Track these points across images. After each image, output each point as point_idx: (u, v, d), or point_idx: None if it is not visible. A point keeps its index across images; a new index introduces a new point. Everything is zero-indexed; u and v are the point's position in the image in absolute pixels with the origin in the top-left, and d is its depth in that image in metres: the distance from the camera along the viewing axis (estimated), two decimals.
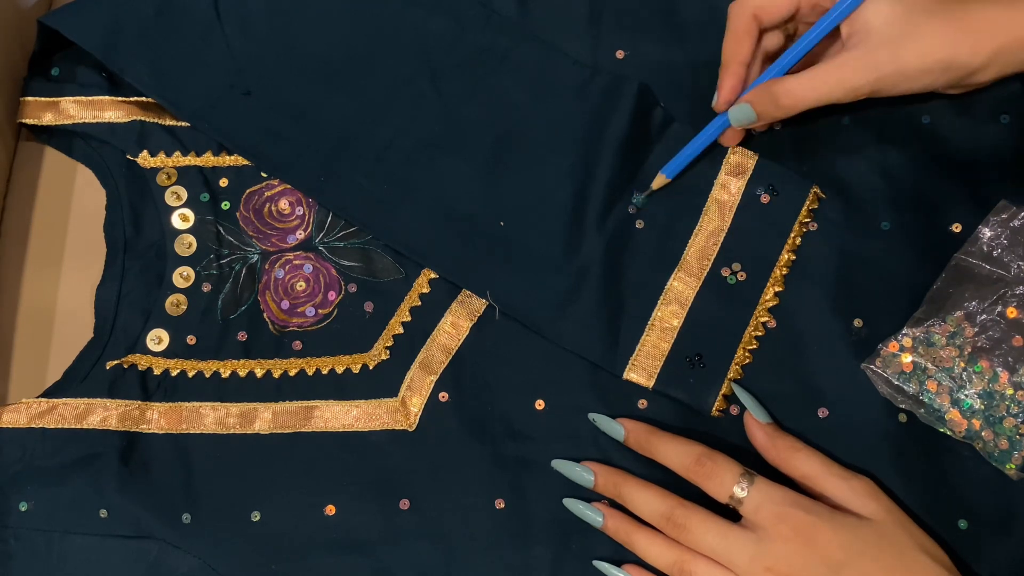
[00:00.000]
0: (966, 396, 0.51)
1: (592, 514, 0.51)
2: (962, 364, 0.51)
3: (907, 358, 0.51)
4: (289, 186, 0.59)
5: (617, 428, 0.52)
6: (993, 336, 0.51)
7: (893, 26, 0.49)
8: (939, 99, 0.56)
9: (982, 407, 0.51)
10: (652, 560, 0.49)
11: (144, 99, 0.60)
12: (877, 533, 0.47)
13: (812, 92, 0.51)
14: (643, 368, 0.53)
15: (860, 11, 0.51)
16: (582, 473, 0.52)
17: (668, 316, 0.54)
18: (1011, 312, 0.51)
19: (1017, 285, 0.51)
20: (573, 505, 0.52)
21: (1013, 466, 0.50)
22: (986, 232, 0.53)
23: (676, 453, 0.50)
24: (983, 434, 0.50)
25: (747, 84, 0.55)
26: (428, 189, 0.57)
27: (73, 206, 0.61)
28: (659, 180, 0.56)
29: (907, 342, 0.52)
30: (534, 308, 0.55)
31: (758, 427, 0.51)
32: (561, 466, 0.53)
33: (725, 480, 0.49)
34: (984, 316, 0.51)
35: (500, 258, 0.56)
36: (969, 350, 0.51)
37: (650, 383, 0.53)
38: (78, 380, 0.56)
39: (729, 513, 0.49)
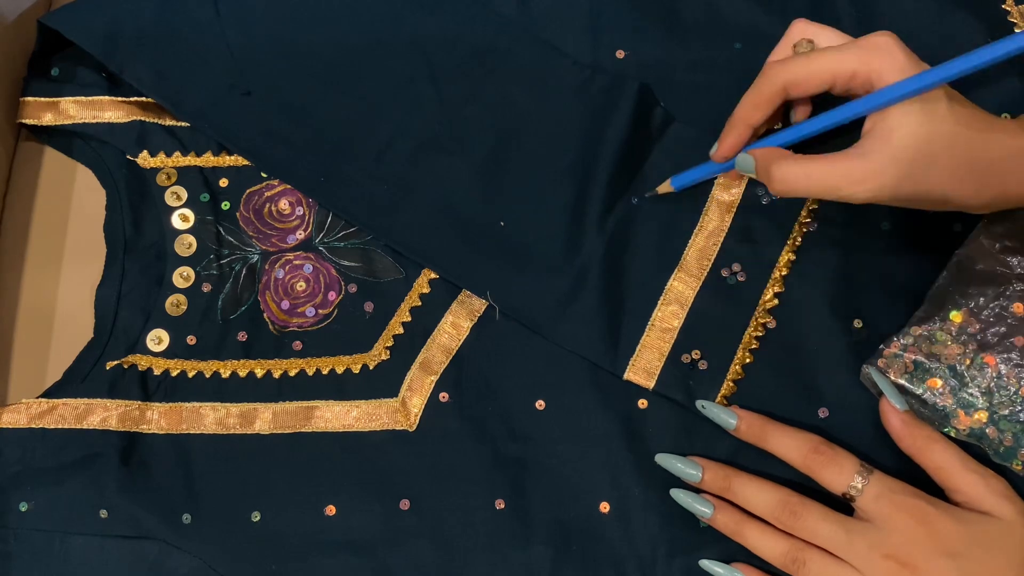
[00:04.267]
0: (970, 394, 0.50)
1: (701, 506, 0.51)
2: (967, 361, 0.51)
3: (910, 357, 0.51)
4: (289, 186, 0.59)
5: (729, 417, 0.52)
6: (998, 332, 0.51)
7: (911, 147, 0.45)
8: None
9: (986, 404, 0.50)
10: (763, 551, 0.49)
11: (144, 99, 0.60)
12: (1004, 532, 0.46)
13: (805, 183, 0.47)
14: (643, 369, 0.53)
15: (890, 110, 0.46)
16: (687, 469, 0.51)
17: (668, 316, 0.54)
18: (1017, 308, 0.51)
19: (1020, 281, 0.51)
20: (681, 496, 0.51)
21: (1019, 462, 0.50)
22: (989, 227, 0.52)
23: (792, 441, 0.50)
24: (987, 431, 0.50)
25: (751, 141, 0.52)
26: (428, 189, 0.57)
27: (73, 206, 0.61)
28: (665, 187, 0.56)
29: (909, 341, 0.51)
30: (534, 308, 0.55)
31: (895, 414, 0.50)
32: (664, 460, 0.52)
33: (845, 468, 0.48)
34: (988, 312, 0.51)
35: (500, 258, 0.56)
36: (973, 347, 0.51)
37: (650, 384, 0.53)
38: (78, 380, 0.55)
39: (838, 507, 0.49)
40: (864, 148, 0.46)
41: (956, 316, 0.51)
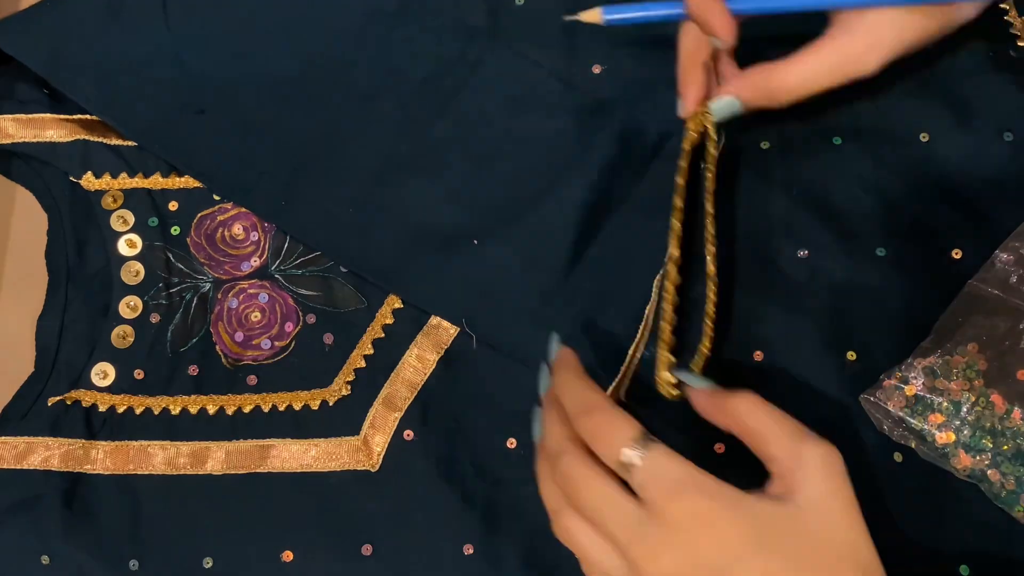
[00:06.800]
0: (973, 433, 0.49)
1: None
2: (972, 398, 0.49)
3: (911, 391, 0.50)
4: (243, 210, 0.58)
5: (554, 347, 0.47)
6: (1007, 370, 0.49)
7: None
8: (939, 115, 0.56)
9: (990, 445, 0.49)
10: (543, 499, 0.44)
11: (88, 116, 0.59)
12: (796, 523, 0.39)
13: (808, 83, 0.50)
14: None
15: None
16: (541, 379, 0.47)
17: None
18: None
19: None
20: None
21: (1021, 508, 0.48)
22: (1003, 257, 0.51)
23: (571, 397, 0.44)
24: (989, 473, 0.48)
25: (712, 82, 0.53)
26: (396, 211, 0.56)
27: (12, 231, 0.60)
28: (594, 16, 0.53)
29: (912, 373, 0.50)
30: (512, 333, 0.53)
31: (696, 393, 0.45)
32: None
33: (614, 439, 0.41)
34: (998, 348, 0.50)
35: (474, 283, 0.55)
36: (980, 383, 0.49)
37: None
38: (18, 418, 0.54)
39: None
40: (846, 26, 0.49)
41: (964, 350, 0.50)
